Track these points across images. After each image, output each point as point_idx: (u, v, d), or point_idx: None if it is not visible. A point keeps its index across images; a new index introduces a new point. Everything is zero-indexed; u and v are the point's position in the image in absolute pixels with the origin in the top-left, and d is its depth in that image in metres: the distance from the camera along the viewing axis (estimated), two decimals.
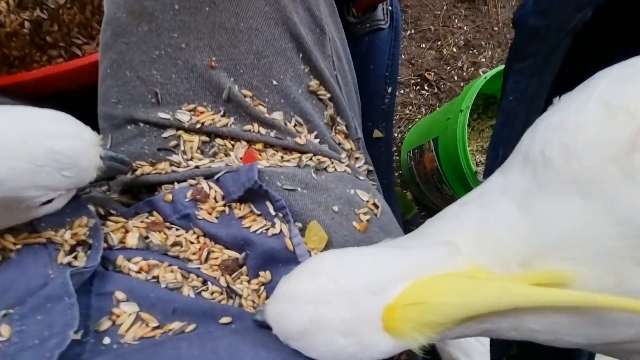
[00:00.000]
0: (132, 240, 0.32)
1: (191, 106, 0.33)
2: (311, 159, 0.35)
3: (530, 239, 0.20)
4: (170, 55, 0.32)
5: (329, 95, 0.36)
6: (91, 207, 0.31)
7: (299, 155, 0.35)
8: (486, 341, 0.41)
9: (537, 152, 0.21)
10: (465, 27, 1.11)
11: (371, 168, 0.41)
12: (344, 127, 0.38)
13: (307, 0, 0.34)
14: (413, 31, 1.08)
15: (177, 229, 0.33)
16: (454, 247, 0.21)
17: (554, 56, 0.30)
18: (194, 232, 0.32)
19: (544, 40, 0.30)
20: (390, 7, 0.45)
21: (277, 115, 0.34)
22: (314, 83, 0.35)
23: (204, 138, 0.34)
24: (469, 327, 0.21)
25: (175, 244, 0.32)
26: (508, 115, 0.35)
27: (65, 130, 0.26)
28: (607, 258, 0.19)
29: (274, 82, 0.33)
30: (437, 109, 1.04)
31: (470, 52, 1.10)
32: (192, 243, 0.32)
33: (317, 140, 0.35)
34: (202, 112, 0.33)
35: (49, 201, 0.26)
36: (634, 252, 0.18)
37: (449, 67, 1.08)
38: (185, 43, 0.31)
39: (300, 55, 0.34)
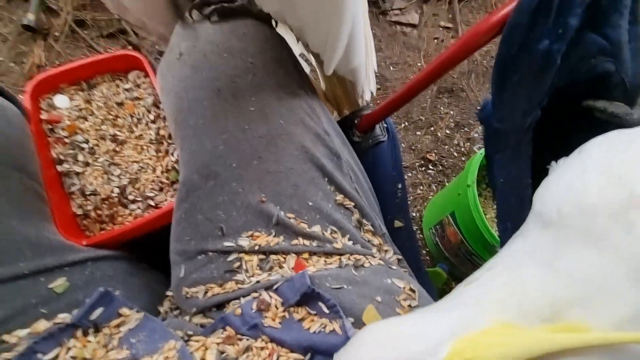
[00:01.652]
0: (210, 357, 0.37)
1: (249, 233, 0.42)
2: (349, 259, 0.42)
3: (554, 294, 0.22)
4: (230, 199, 0.42)
5: (352, 204, 0.45)
6: (173, 331, 0.38)
7: (338, 257, 0.42)
8: None
9: (554, 212, 0.24)
10: (451, 112, 1.26)
11: (400, 257, 0.47)
12: (370, 227, 0.46)
13: (324, 139, 0.46)
14: (407, 123, 1.24)
15: (247, 339, 0.38)
16: (484, 309, 0.24)
17: (520, 148, 0.37)
18: (262, 339, 0.38)
19: (506, 139, 0.38)
20: (385, 125, 0.58)
21: (316, 228, 0.42)
22: (339, 197, 0.45)
23: (261, 256, 0.41)
24: None
25: (247, 353, 0.37)
26: (503, 194, 0.42)
27: None
28: (625, 308, 0.21)
29: (310, 203, 0.43)
30: (447, 184, 1.12)
31: (462, 130, 1.23)
32: (262, 349, 0.37)
33: (350, 242, 0.43)
34: (258, 236, 0.42)
35: None
36: None
37: (446, 147, 1.20)
38: (242, 188, 0.42)
39: (326, 179, 0.44)
